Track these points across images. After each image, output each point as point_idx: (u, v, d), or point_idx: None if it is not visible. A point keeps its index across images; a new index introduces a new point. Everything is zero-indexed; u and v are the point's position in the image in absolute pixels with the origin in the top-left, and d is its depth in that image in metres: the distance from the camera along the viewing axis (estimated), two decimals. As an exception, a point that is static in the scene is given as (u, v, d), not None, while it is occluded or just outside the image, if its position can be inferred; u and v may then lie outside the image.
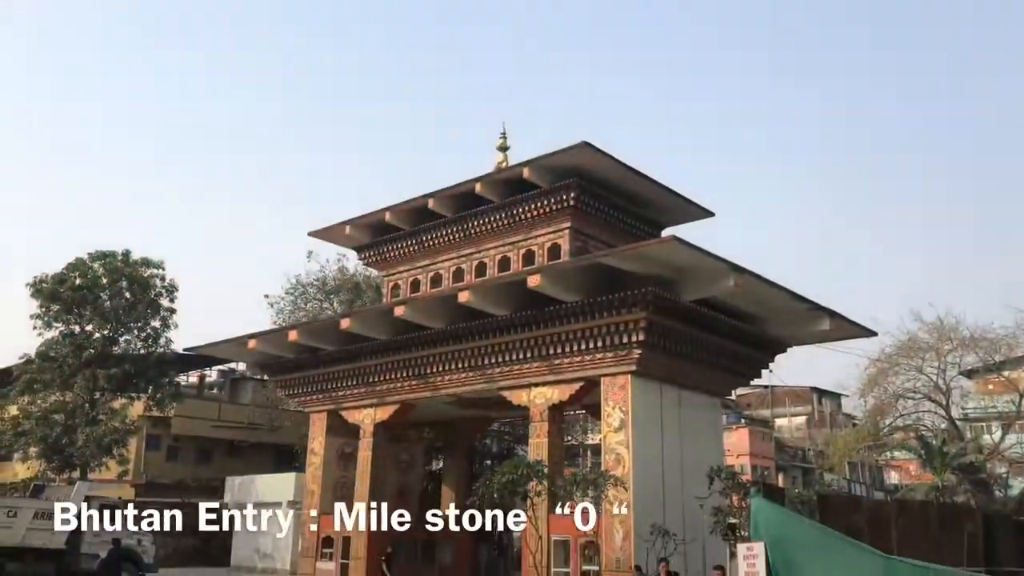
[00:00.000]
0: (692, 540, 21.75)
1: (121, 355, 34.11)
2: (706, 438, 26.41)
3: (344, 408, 32.92)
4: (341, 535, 31.53)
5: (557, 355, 25.45)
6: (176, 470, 45.31)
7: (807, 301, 25.37)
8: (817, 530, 9.62)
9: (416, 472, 36.69)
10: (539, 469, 21.56)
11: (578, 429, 45.25)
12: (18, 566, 19.53)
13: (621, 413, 24.16)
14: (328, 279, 43.81)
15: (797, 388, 64.66)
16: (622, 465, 23.58)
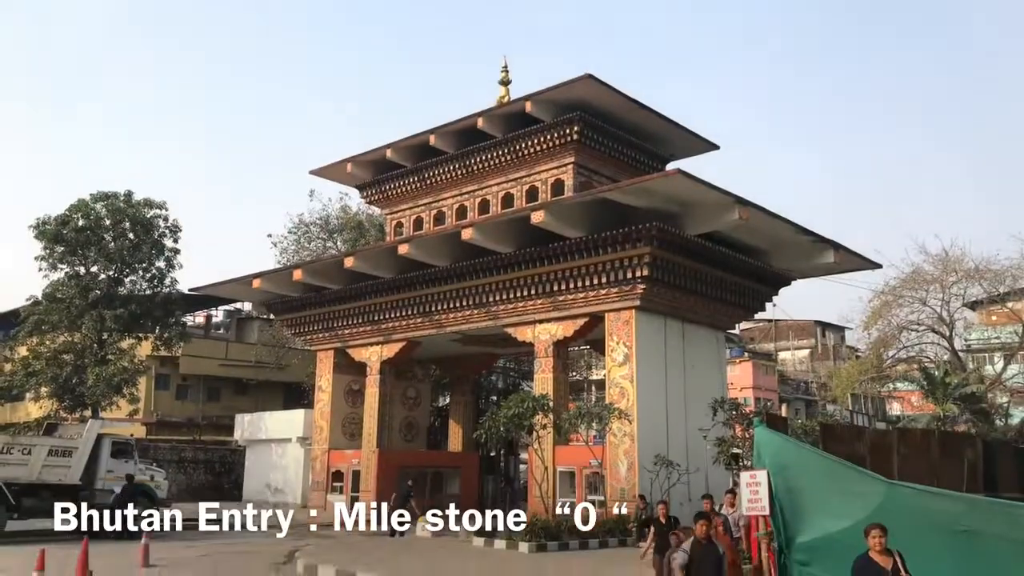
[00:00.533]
0: (696, 470, 22.12)
1: (127, 296, 34.21)
2: (709, 371, 26.64)
3: (350, 346, 33.21)
4: (351, 469, 32.16)
5: (561, 292, 25.53)
6: (186, 408, 45.95)
7: (812, 234, 25.28)
8: (820, 457, 9.70)
9: (423, 408, 37.17)
10: (544, 403, 21.83)
11: (582, 365, 45.58)
12: (35, 502, 19.92)
13: (625, 348, 24.33)
14: (331, 218, 43.73)
15: (801, 321, 64.97)
16: (626, 398, 23.86)
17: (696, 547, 8.12)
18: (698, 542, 8.12)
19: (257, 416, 38.63)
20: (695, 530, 8.21)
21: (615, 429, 23.18)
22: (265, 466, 36.87)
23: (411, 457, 33.04)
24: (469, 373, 36.81)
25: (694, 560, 8.02)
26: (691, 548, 8.14)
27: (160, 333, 36.17)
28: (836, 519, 8.82)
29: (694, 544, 8.15)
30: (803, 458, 9.69)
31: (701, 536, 8.13)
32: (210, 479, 39.81)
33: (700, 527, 8.23)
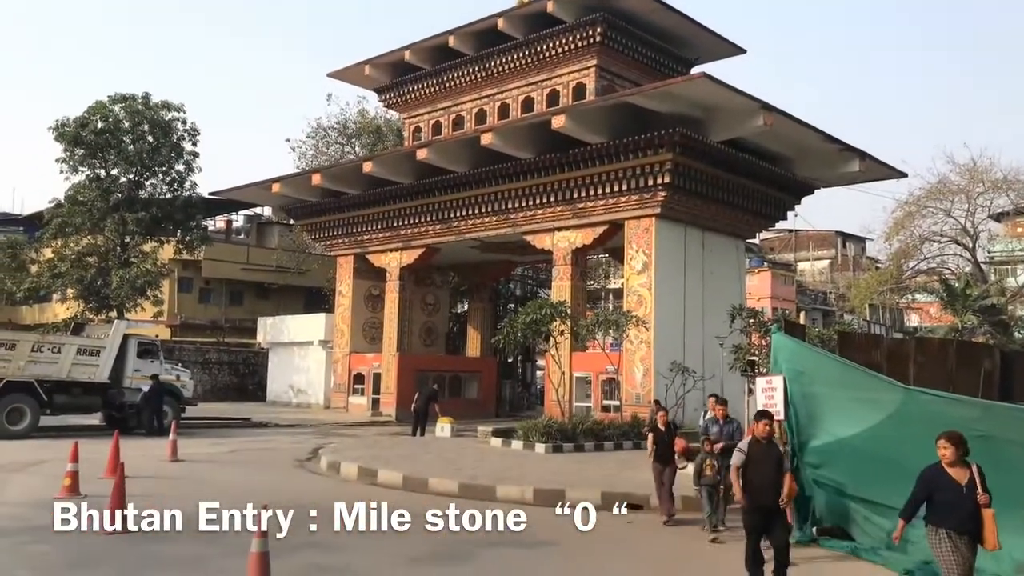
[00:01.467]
0: (711, 376, 22.34)
1: (148, 199, 34.28)
2: (728, 280, 26.60)
3: (370, 252, 33.33)
4: (372, 372, 32.76)
5: (581, 199, 25.32)
6: (209, 311, 46.62)
7: (838, 141, 24.77)
8: (836, 363, 9.72)
9: (442, 314, 37.52)
10: (562, 310, 21.92)
11: (600, 274, 45.56)
12: (66, 398, 20.53)
13: (644, 256, 24.27)
14: (349, 123, 43.25)
15: (821, 232, 64.28)
16: (644, 306, 23.95)
17: (755, 446, 7.53)
18: (756, 441, 7.55)
19: (279, 320, 39.19)
20: (755, 429, 7.67)
21: (632, 336, 23.34)
22: (288, 368, 37.59)
23: (430, 361, 33.58)
24: (487, 280, 36.96)
25: (752, 460, 7.43)
26: (749, 448, 7.56)
27: (181, 237, 36.38)
28: (850, 424, 8.90)
29: (752, 443, 7.58)
30: (819, 364, 9.72)
31: (761, 435, 7.55)
32: (234, 380, 40.70)
33: (762, 426, 7.64)
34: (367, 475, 14.54)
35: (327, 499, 12.03)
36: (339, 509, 6.19)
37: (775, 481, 7.30)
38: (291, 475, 15.13)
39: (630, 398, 23.64)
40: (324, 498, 12.16)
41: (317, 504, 11.42)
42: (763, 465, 7.36)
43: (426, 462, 15.77)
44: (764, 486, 7.26)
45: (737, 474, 7.42)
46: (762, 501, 7.20)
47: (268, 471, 15.34)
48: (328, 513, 10.69)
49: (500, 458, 16.93)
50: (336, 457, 16.24)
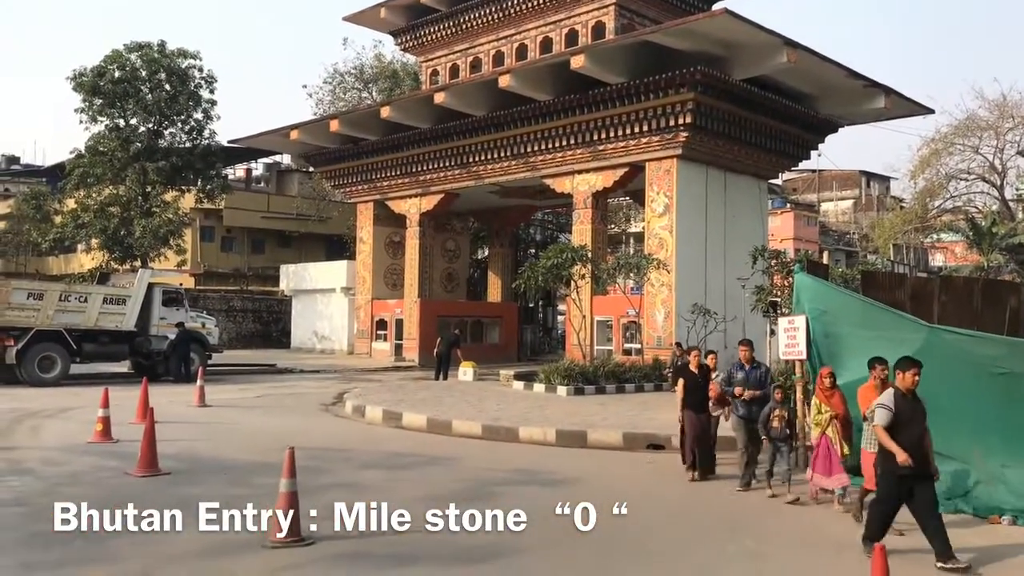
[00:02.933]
0: (733, 318, 22.31)
1: (167, 148, 34.33)
2: (750, 221, 26.35)
3: (390, 198, 33.27)
4: (394, 318, 33.01)
5: (601, 141, 25.05)
6: (231, 260, 46.99)
7: (862, 78, 24.23)
8: (859, 302, 9.63)
9: (462, 260, 37.57)
10: (583, 254, 21.86)
11: (621, 217, 45.28)
12: (94, 347, 20.85)
13: (665, 198, 24.08)
14: (365, 67, 42.85)
15: (845, 171, 63.33)
16: (665, 249, 23.84)
17: (901, 402, 6.34)
18: (903, 395, 6.35)
19: (301, 267, 39.43)
20: (903, 379, 6.39)
21: (653, 279, 23.29)
22: (311, 315, 37.94)
23: (452, 307, 33.73)
24: (507, 225, 36.87)
25: (902, 418, 6.26)
26: (895, 402, 6.33)
27: (202, 186, 36.49)
28: (873, 363, 8.85)
29: (898, 397, 6.35)
30: (842, 303, 9.65)
31: (908, 388, 6.36)
32: (258, 327, 41.19)
33: (910, 376, 6.36)
34: (392, 418, 14.74)
35: (353, 442, 12.28)
36: (339, 509, 6.25)
37: (923, 442, 6.29)
38: (317, 419, 15.36)
39: (651, 341, 23.69)
40: (350, 441, 12.40)
41: (344, 447, 11.67)
42: (913, 424, 6.27)
43: (449, 405, 15.95)
44: (913, 448, 6.18)
45: (885, 434, 6.23)
46: (912, 466, 6.10)
47: (294, 415, 15.59)
48: (354, 455, 10.92)
49: (522, 401, 17.09)
50: (361, 401, 16.46)
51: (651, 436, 12.24)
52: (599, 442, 12.25)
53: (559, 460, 10.88)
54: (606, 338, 25.64)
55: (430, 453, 11.22)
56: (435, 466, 10.31)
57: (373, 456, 10.96)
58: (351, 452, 11.19)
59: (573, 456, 11.35)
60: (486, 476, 9.40)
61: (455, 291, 36.59)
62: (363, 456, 10.90)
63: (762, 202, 28.23)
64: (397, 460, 10.69)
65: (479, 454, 11.28)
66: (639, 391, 19.40)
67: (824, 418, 8.27)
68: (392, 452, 11.38)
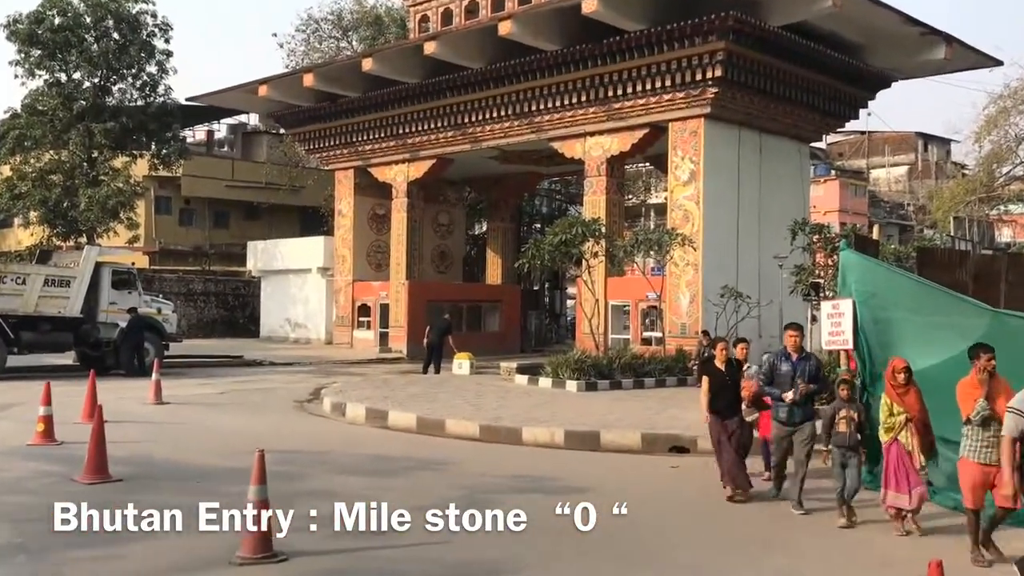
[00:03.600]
0: (768, 303, 22.33)
1: (116, 107, 34.16)
2: (789, 190, 26.35)
3: (373, 165, 33.24)
4: (378, 302, 33.04)
5: (617, 98, 24.99)
6: (191, 236, 47.03)
7: (920, 24, 24.13)
8: (914, 283, 9.62)
9: (457, 236, 37.57)
10: (595, 228, 21.85)
11: (640, 187, 45.26)
12: (33, 335, 20.83)
13: (691, 164, 24.04)
14: (344, 13, 42.70)
15: (899, 133, 63.19)
16: (691, 223, 23.83)
17: None
18: None
19: (271, 244, 39.44)
20: None
21: (677, 258, 23.29)
22: (283, 299, 37.99)
23: (445, 290, 33.79)
24: (509, 196, 36.84)
25: None
26: None
27: (157, 150, 36.38)
28: (929, 354, 8.84)
29: None
30: (894, 284, 9.64)
31: None
32: (223, 313, 41.26)
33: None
34: (376, 417, 14.79)
35: (332, 444, 12.31)
36: (339, 509, 6.33)
37: None
38: (291, 418, 15.42)
39: (675, 329, 23.72)
40: (329, 443, 12.43)
41: (321, 449, 11.71)
42: None
43: (442, 402, 16.00)
44: None
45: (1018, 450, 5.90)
46: None
47: (264, 414, 15.64)
48: (333, 459, 10.97)
49: (526, 397, 17.13)
50: (341, 398, 16.51)
51: (674, 438, 12.28)
52: (614, 444, 12.29)
53: (568, 465, 10.92)
54: (622, 326, 25.65)
55: (420, 456, 11.26)
56: (426, 471, 10.36)
57: (355, 460, 11.01)
58: (329, 456, 11.24)
59: (584, 460, 11.40)
60: (484, 483, 9.44)
61: (449, 272, 36.59)
62: (343, 460, 10.95)
63: (803, 169, 28.19)
64: (382, 465, 10.74)
65: (476, 458, 11.33)
66: (660, 386, 19.42)
67: (898, 421, 7.83)
68: (377, 455, 11.43)
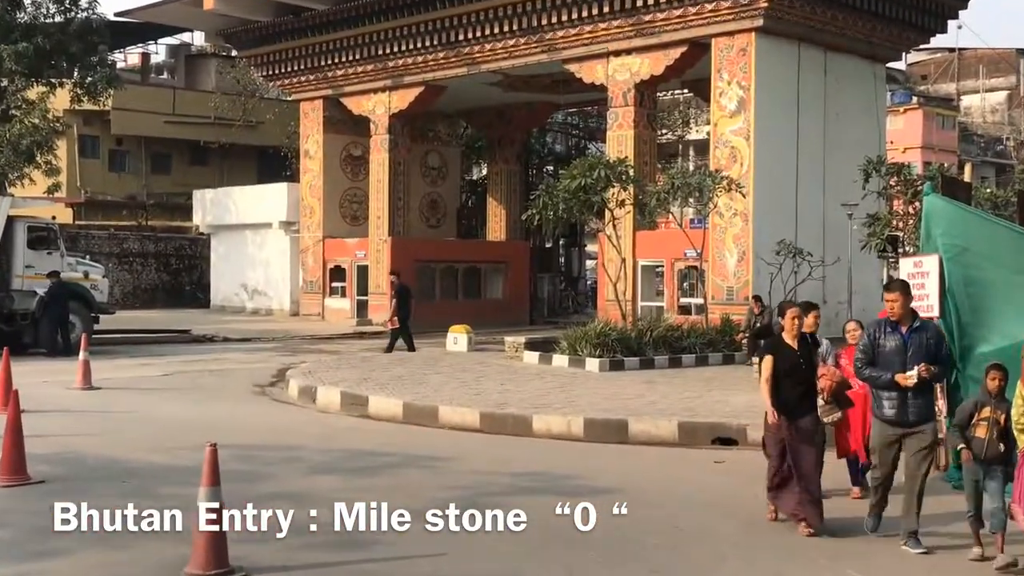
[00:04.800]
0: (835, 261, 22.31)
1: (29, 24, 33.91)
2: (861, 122, 26.20)
3: (347, 94, 33.12)
4: (355, 264, 33.05)
5: (648, 8, 24.84)
6: (124, 184, 46.94)
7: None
8: (1017, 236, 9.57)
9: (451, 182, 37.48)
10: (622, 170, 21.73)
11: (676, 120, 44.95)
12: (-70, 304, 20.96)
13: (740, 89, 23.91)
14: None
15: (996, 51, 62.68)
16: (739, 163, 23.76)
17: None
18: None
19: (223, 193, 39.39)
20: None
21: (722, 207, 23.22)
22: (238, 261, 38.00)
23: (436, 248, 33.80)
24: (514, 132, 36.70)
25: None
26: None
27: (80, 78, 36.19)
28: (1036, 321, 8.83)
29: None
30: (991, 236, 9.57)
31: None
32: (165, 278, 41.32)
33: None
34: (354, 404, 14.82)
35: (301, 437, 12.33)
36: (339, 509, 6.42)
37: None
38: (250, 406, 15.48)
39: (719, 294, 23.71)
40: (296, 435, 12.46)
41: (287, 443, 11.73)
42: None
43: (434, 385, 16.03)
44: None
45: None
46: None
47: (218, 401, 15.68)
48: (302, 454, 11.00)
49: (537, 379, 17.16)
50: (310, 380, 16.54)
51: (718, 427, 12.29)
52: (645, 435, 12.32)
53: (588, 461, 10.95)
54: (655, 291, 25.64)
55: (408, 451, 11.29)
56: (414, 469, 10.39)
57: (328, 456, 11.04)
58: (297, 451, 11.27)
59: (608, 455, 11.43)
60: (485, 484, 9.47)
61: (441, 225, 36.58)
62: (314, 456, 10.98)
63: (878, 95, 27.99)
64: (362, 461, 10.77)
65: (476, 452, 11.36)
66: (701, 364, 19.45)
67: None
68: (355, 450, 11.45)
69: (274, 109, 42.26)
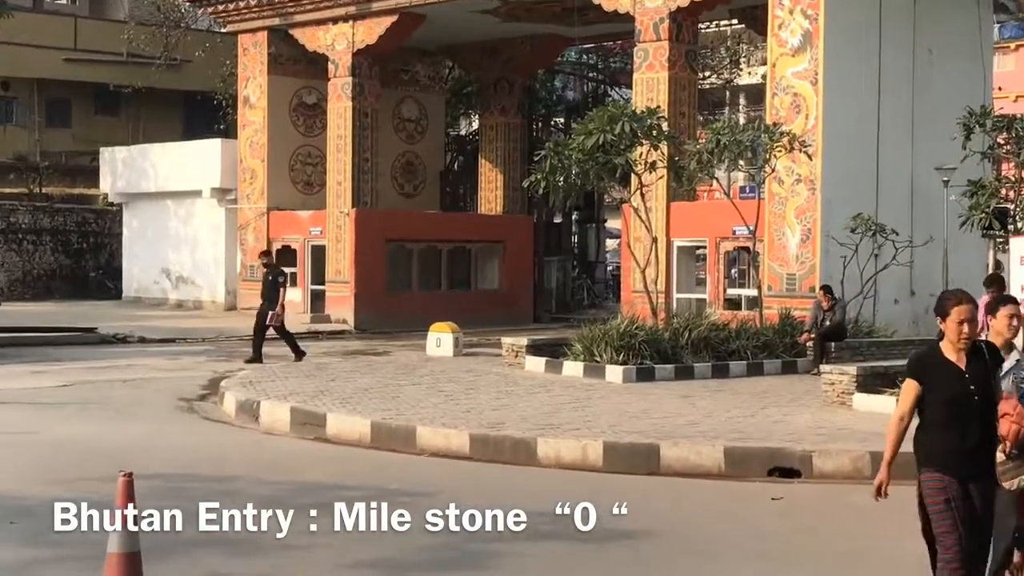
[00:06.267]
0: (927, 241, 22.29)
1: None
2: (961, 63, 26.24)
3: (298, 24, 33.10)
4: (309, 244, 32.99)
5: (686, -87, 24.90)
6: (11, 139, 46.68)
7: None
8: None
9: (433, 138, 37.39)
10: (652, 123, 21.71)
11: (722, 60, 44.86)
12: None
13: (805, 19, 23.88)
14: None
15: None
16: (804, 114, 23.72)
17: None
18: None
19: (138, 152, 39.30)
20: None
21: (781, 171, 23.19)
22: (158, 240, 37.94)
23: (413, 223, 33.67)
24: (514, 75, 36.63)
25: None
26: None
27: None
28: None
29: None
30: None
31: None
32: (64, 262, 41.24)
33: None
34: (308, 423, 14.79)
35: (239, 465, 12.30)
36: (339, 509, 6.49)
37: None
38: (173, 425, 15.46)
39: (777, 283, 23.68)
40: (233, 463, 12.43)
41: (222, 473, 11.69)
42: None
43: (412, 400, 16.01)
44: None
45: None
46: None
47: (132, 420, 15.64)
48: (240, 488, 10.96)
49: (543, 392, 17.14)
50: (252, 393, 16.52)
51: (776, 454, 12.26)
52: (682, 464, 12.29)
53: (611, 497, 10.89)
54: (694, 280, 25.59)
55: (376, 484, 11.25)
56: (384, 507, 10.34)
57: (272, 490, 10.99)
58: (234, 483, 11.23)
59: (634, 489, 11.37)
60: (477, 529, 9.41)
61: (420, 194, 36.53)
62: (256, 490, 10.92)
63: (983, 27, 27.95)
64: (316, 498, 10.67)
65: (465, 486, 11.32)
66: (754, 373, 19.42)
67: None
68: (308, 484, 11.41)
69: (204, 44, 42.19)
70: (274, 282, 22.60)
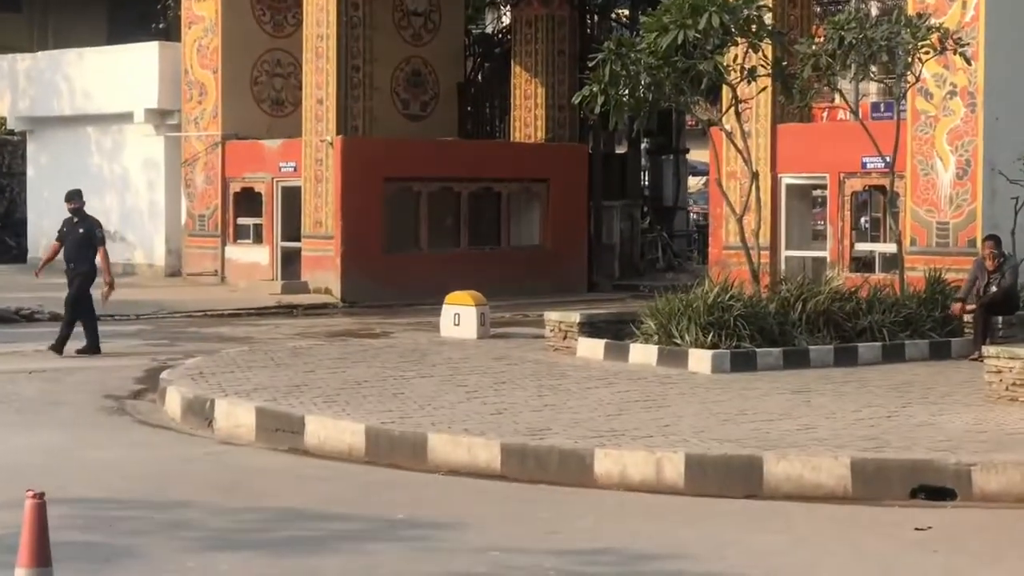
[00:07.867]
0: None
1: None
2: None
3: None
4: (279, 184, 33.05)
5: None
6: None
7: None
8: None
9: (447, 38, 37.49)
10: (751, 14, 21.66)
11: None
12: None
13: None
14: None
15: None
16: (960, 3, 23.60)
17: None
18: None
19: (48, 60, 39.52)
20: None
21: (930, 82, 23.13)
22: (74, 181, 37.83)
23: (422, 156, 33.71)
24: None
25: None
26: None
27: None
28: None
29: None
30: None
31: None
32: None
33: None
34: (280, 429, 14.91)
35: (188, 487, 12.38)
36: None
37: None
38: (100, 433, 15.60)
39: (923, 235, 23.67)
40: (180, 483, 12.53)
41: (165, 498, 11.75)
42: None
43: (421, 398, 16.09)
44: None
45: None
46: None
47: (45, 425, 15.82)
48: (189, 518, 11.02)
49: (602, 386, 17.22)
50: (203, 389, 16.64)
51: (922, 467, 12.25)
52: (793, 483, 12.29)
53: (693, 529, 10.93)
54: (809, 231, 25.60)
55: (373, 512, 11.32)
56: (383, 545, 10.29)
57: (234, 522, 11.05)
58: (182, 512, 11.31)
59: (729, 518, 11.38)
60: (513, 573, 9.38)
61: (430, 115, 36.65)
62: (211, 522, 11.00)
63: None
64: (290, 530, 10.77)
65: (496, 515, 11.36)
66: (892, 358, 19.49)
67: None
68: (279, 511, 11.46)
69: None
70: (87, 236, 22.35)
